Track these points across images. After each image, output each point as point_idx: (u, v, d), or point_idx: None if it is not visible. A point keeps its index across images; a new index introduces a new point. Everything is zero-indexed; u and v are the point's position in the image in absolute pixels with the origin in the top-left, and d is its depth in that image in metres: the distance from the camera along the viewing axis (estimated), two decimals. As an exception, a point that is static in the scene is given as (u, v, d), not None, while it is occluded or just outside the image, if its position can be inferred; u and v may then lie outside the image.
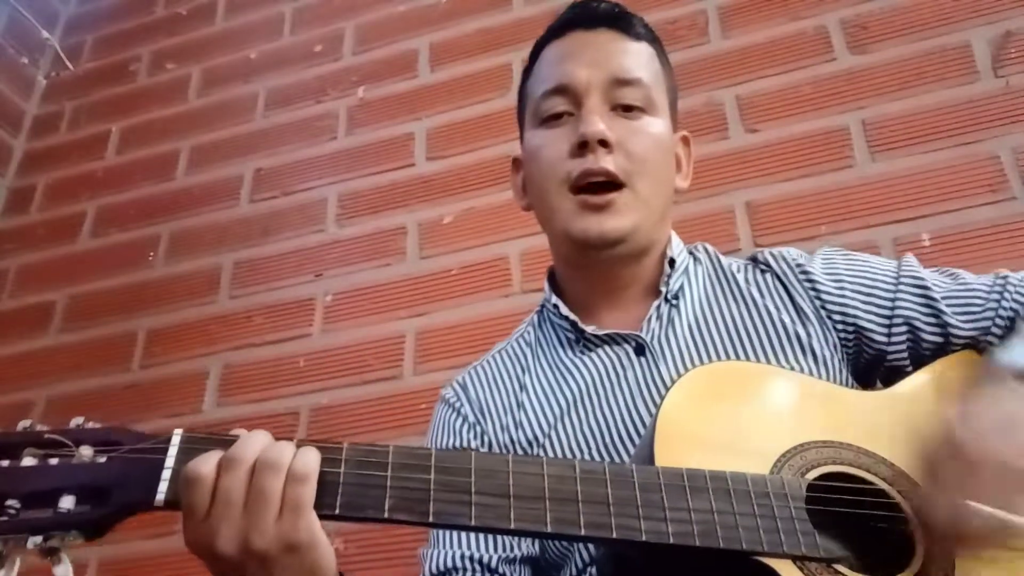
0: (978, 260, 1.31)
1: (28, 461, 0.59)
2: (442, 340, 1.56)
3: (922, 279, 0.86)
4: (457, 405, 0.94)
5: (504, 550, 0.84)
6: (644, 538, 0.62)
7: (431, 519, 0.61)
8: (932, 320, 0.83)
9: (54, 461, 0.60)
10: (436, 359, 1.54)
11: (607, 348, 0.89)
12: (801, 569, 0.64)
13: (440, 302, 1.60)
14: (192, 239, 1.88)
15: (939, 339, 0.83)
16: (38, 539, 0.58)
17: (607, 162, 0.85)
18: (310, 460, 0.60)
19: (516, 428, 0.89)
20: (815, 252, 0.93)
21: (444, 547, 0.85)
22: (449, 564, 0.84)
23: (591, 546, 0.82)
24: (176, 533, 1.52)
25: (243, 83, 2.06)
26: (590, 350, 0.89)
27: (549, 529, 0.61)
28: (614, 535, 0.62)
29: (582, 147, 0.86)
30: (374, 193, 1.78)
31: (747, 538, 0.64)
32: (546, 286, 0.98)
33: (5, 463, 0.59)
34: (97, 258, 1.94)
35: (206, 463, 0.59)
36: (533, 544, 0.85)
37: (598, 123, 0.86)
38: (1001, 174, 1.36)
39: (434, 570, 0.85)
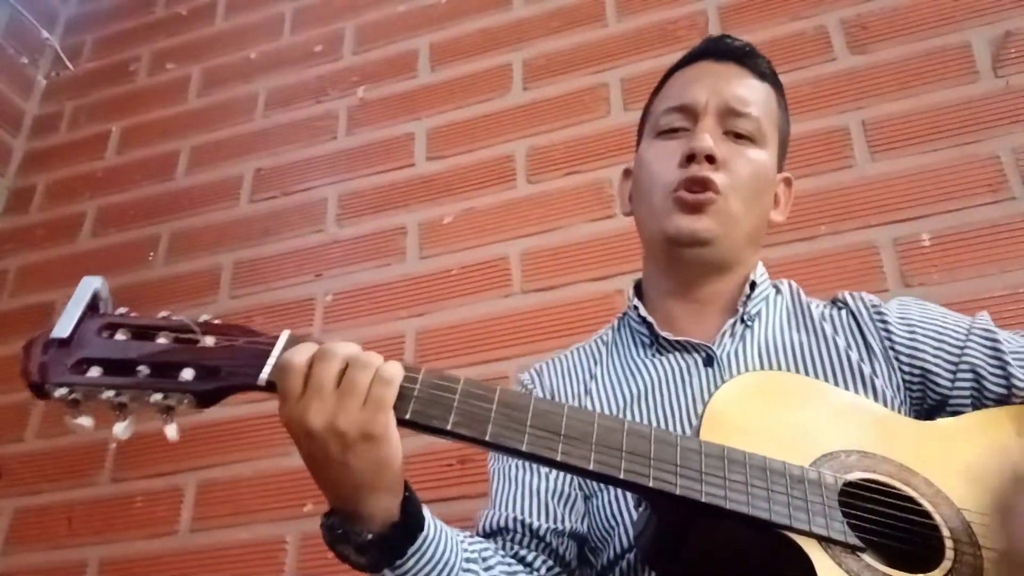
0: (978, 260, 1.31)
1: (161, 341, 0.71)
2: (442, 340, 1.56)
3: (993, 333, 0.88)
4: (531, 387, 1.01)
5: (555, 522, 0.88)
6: (678, 492, 0.66)
7: (487, 438, 0.67)
8: (998, 372, 0.85)
9: (182, 343, 0.71)
10: (436, 359, 1.54)
11: (678, 354, 0.94)
12: (826, 550, 0.65)
13: (440, 302, 1.60)
14: (192, 239, 1.88)
15: (1003, 391, 0.84)
16: (158, 396, 0.68)
17: (709, 173, 0.92)
18: (396, 368, 0.69)
19: None
20: (892, 300, 0.96)
21: (499, 508, 0.91)
22: (500, 524, 0.89)
23: (630, 530, 0.84)
24: (177, 533, 1.53)
25: (243, 83, 2.06)
26: (662, 353, 0.95)
27: (592, 467, 0.67)
28: (651, 484, 0.66)
29: (690, 159, 0.93)
30: (374, 193, 1.78)
31: (776, 511, 0.66)
32: (631, 292, 1.03)
33: (142, 340, 0.71)
34: (97, 258, 1.94)
35: (298, 354, 0.68)
36: (581, 522, 0.89)
37: (708, 139, 0.93)
38: (1001, 174, 1.36)
39: (486, 529, 0.90)
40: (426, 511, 0.74)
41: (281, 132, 1.94)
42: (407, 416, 0.68)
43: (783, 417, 0.76)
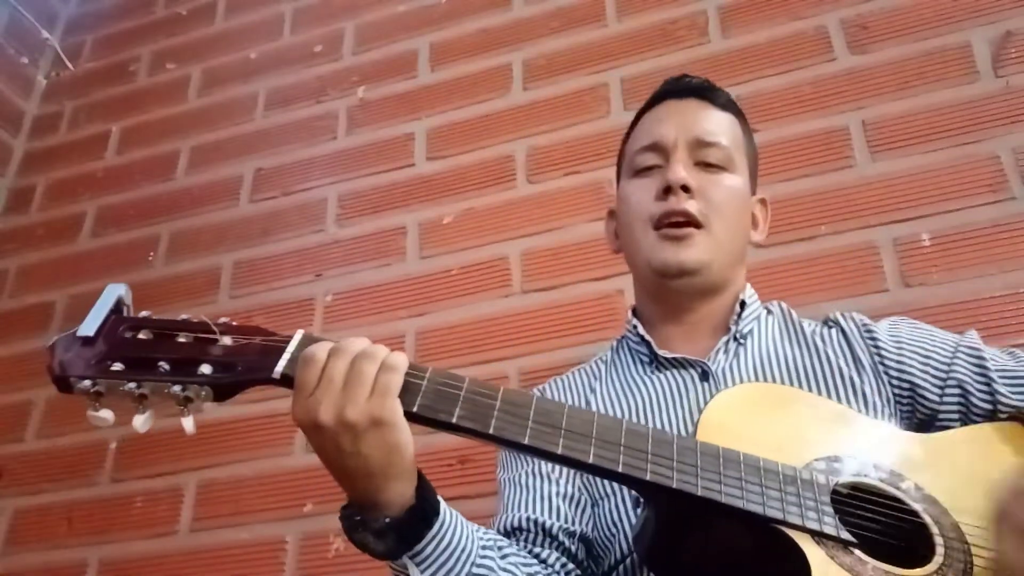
0: (978, 260, 1.31)
1: (182, 339, 0.74)
2: (442, 340, 1.56)
3: (980, 351, 0.91)
4: None
5: (566, 522, 0.91)
6: (674, 485, 0.68)
7: (491, 431, 0.70)
8: (984, 388, 0.88)
9: (201, 342, 0.74)
10: (436, 359, 1.54)
11: (675, 371, 0.98)
12: (819, 545, 0.67)
13: (440, 302, 1.60)
14: (192, 239, 1.88)
15: (988, 407, 0.87)
16: (178, 388, 0.71)
17: (688, 205, 0.97)
18: (400, 357, 0.73)
19: None
20: (882, 320, 0.99)
21: (512, 511, 0.93)
22: (514, 524, 0.92)
23: (630, 536, 0.85)
24: (177, 533, 1.53)
25: (243, 83, 2.06)
26: (660, 371, 0.99)
27: (591, 460, 0.69)
28: (648, 478, 0.69)
29: (666, 191, 0.98)
30: (374, 193, 1.78)
31: (770, 506, 0.68)
32: (629, 313, 1.08)
33: (163, 339, 0.74)
34: (97, 258, 1.94)
35: (321, 348, 0.72)
36: (591, 528, 0.91)
37: (681, 171, 0.98)
38: (1001, 174, 1.36)
39: (501, 529, 0.93)
40: (441, 499, 0.75)
41: (281, 132, 1.94)
42: (414, 409, 0.71)
43: (774, 425, 0.78)
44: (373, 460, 0.69)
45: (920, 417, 0.90)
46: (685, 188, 0.97)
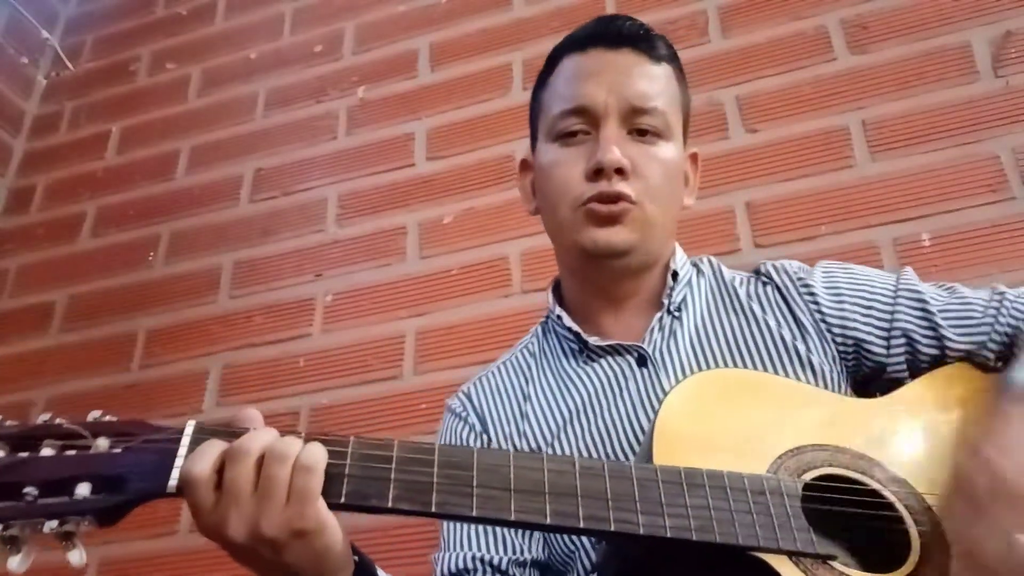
0: (978, 260, 1.31)
1: (47, 451, 0.62)
2: (442, 340, 1.56)
3: (920, 292, 0.87)
4: (463, 414, 0.96)
5: (514, 552, 0.85)
6: (642, 532, 0.63)
7: (433, 509, 0.62)
8: (929, 333, 0.84)
9: (71, 452, 0.62)
10: (436, 359, 1.54)
11: (609, 359, 0.90)
12: (797, 565, 0.65)
13: (440, 302, 1.60)
14: (192, 239, 1.88)
15: (935, 351, 0.84)
16: (54, 524, 0.59)
17: (622, 187, 0.86)
18: (317, 452, 0.62)
19: (520, 437, 0.90)
20: (815, 265, 0.93)
21: (455, 549, 0.87)
22: (460, 566, 0.85)
23: (592, 554, 0.82)
24: (176, 533, 1.53)
25: (243, 83, 2.06)
26: (593, 360, 0.91)
27: (549, 521, 0.63)
28: (612, 528, 0.63)
29: (597, 173, 0.87)
30: (374, 193, 1.78)
31: (743, 533, 0.65)
32: (550, 297, 0.99)
33: (24, 454, 0.61)
34: (97, 258, 1.94)
35: (202, 461, 0.60)
36: (542, 550, 0.86)
37: (615, 151, 0.86)
38: (1001, 174, 1.36)
39: (446, 572, 0.86)
40: (381, 573, 0.70)
41: (281, 132, 1.94)
42: (341, 500, 0.62)
43: (733, 421, 0.75)
44: (301, 566, 0.62)
45: (867, 370, 0.86)
46: (619, 170, 0.86)
